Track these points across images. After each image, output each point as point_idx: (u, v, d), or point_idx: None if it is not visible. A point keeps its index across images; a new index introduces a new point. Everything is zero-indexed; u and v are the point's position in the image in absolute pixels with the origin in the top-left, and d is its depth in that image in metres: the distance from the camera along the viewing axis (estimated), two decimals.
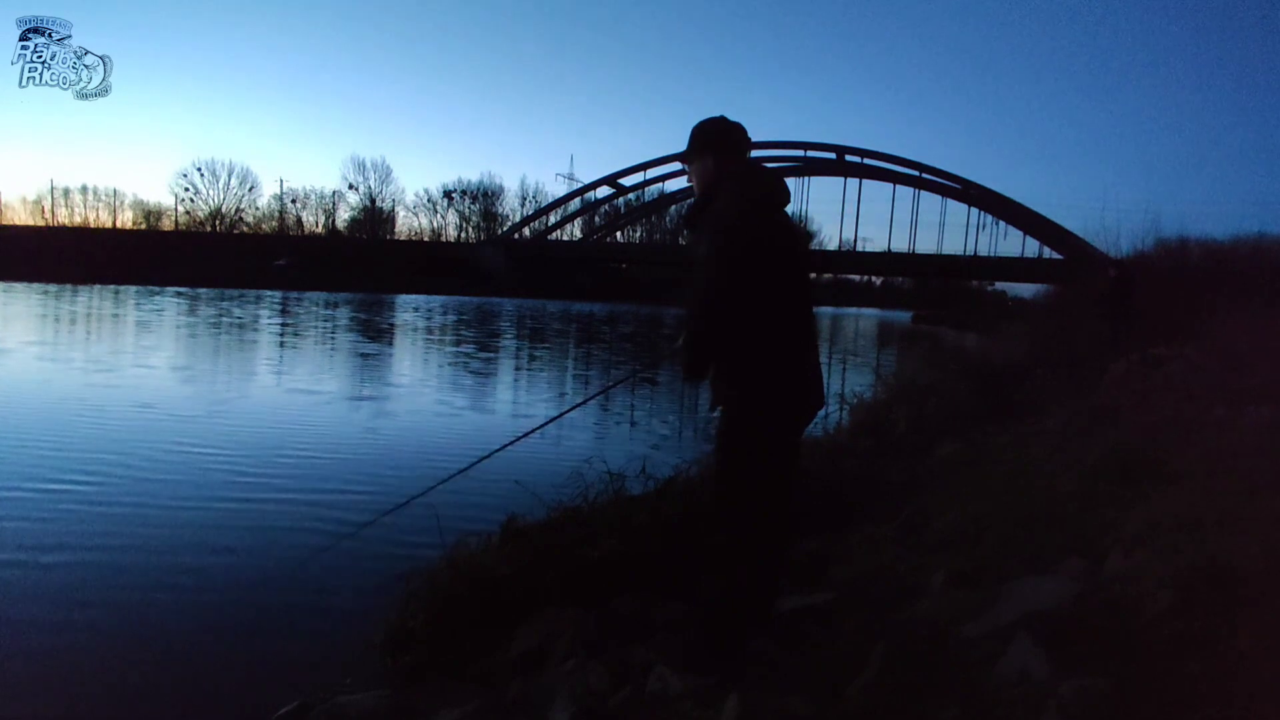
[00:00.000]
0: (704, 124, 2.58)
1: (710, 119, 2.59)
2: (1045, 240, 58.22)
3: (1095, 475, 3.78)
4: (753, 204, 2.43)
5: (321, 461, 6.90)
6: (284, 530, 5.02)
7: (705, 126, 2.58)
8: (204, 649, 3.47)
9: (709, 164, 2.54)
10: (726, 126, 2.57)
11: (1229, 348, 7.90)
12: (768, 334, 2.40)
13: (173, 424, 8.10)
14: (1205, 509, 2.83)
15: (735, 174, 2.50)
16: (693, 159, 2.59)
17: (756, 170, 2.60)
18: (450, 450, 7.34)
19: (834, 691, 2.14)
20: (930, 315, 52.75)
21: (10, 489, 5.55)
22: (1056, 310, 16.91)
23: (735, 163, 2.54)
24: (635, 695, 2.49)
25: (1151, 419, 5.05)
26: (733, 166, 2.53)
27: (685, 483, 4.23)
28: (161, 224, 76.77)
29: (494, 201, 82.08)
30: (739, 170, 2.52)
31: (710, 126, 2.57)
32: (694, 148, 2.58)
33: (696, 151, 2.58)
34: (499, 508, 4.50)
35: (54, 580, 4.11)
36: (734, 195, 2.43)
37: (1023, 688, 1.86)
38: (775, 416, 2.45)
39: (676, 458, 4.96)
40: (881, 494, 4.68)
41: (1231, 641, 1.82)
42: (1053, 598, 2.32)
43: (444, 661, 3.16)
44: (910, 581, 2.95)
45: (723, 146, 2.55)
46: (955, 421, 6.87)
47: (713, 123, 2.58)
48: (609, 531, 3.72)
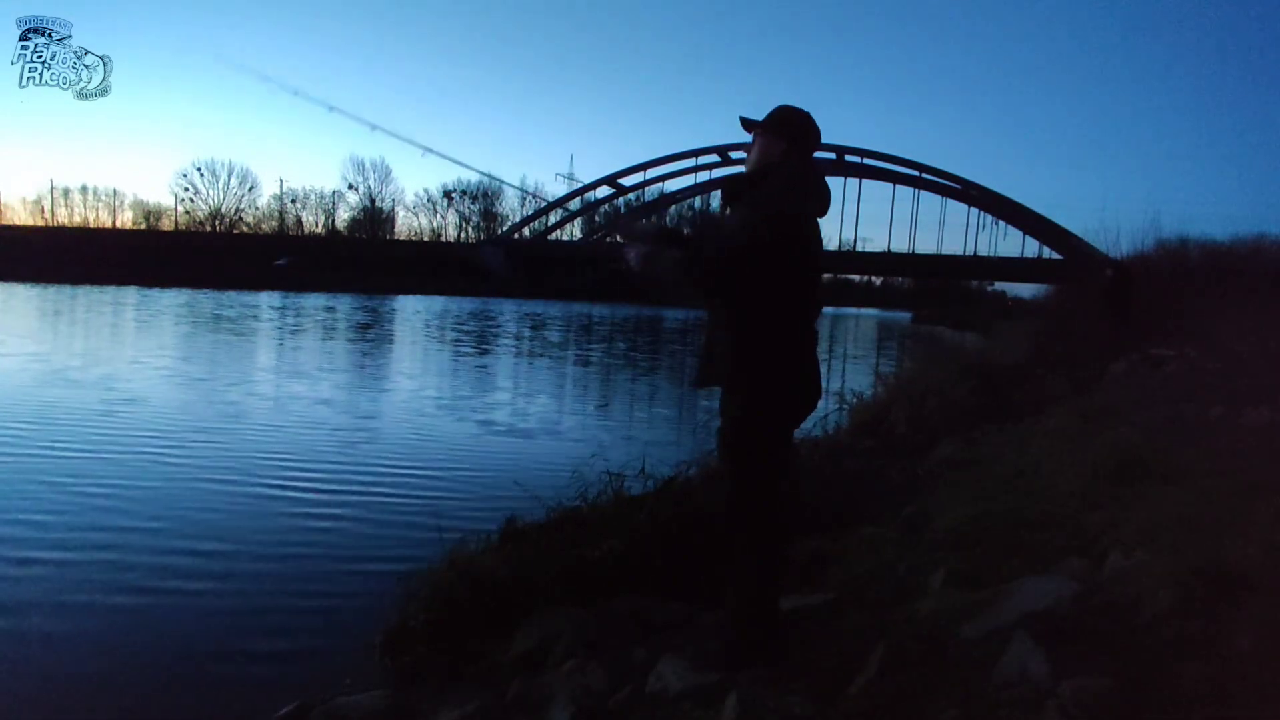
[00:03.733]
0: (790, 109, 2.59)
1: (797, 109, 2.60)
2: (1045, 240, 58.24)
3: (1095, 475, 3.78)
4: (799, 205, 2.45)
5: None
6: (285, 529, 5.03)
7: (790, 113, 2.58)
8: (204, 649, 3.47)
9: (777, 147, 2.54)
10: (808, 122, 2.59)
11: (1229, 348, 7.91)
12: (778, 333, 2.41)
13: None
14: (1205, 509, 2.83)
15: (794, 170, 2.51)
16: (764, 134, 2.57)
17: (813, 172, 2.59)
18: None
19: (834, 691, 2.14)
20: (930, 315, 52.74)
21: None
22: (1056, 310, 16.91)
23: (799, 158, 2.55)
24: (635, 695, 2.49)
25: (1151, 419, 5.05)
26: (795, 160, 2.53)
27: (684, 483, 4.24)
28: (161, 224, 76.76)
29: (494, 201, 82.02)
30: (799, 168, 2.53)
31: (794, 115, 2.58)
32: (771, 126, 2.57)
33: (771, 130, 2.56)
34: (499, 508, 4.51)
35: (53, 581, 4.12)
36: (787, 188, 2.45)
37: (1022, 688, 1.86)
38: (778, 416, 2.47)
39: (676, 457, 4.96)
40: (881, 494, 4.69)
41: (1231, 641, 1.82)
42: (1052, 598, 2.32)
43: (444, 662, 3.16)
44: (910, 581, 2.95)
45: (796, 137, 2.56)
46: (955, 421, 6.87)
47: (799, 113, 2.59)
48: (608, 532, 3.72)
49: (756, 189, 2.49)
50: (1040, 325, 15.13)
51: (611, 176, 69.85)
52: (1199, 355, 8.15)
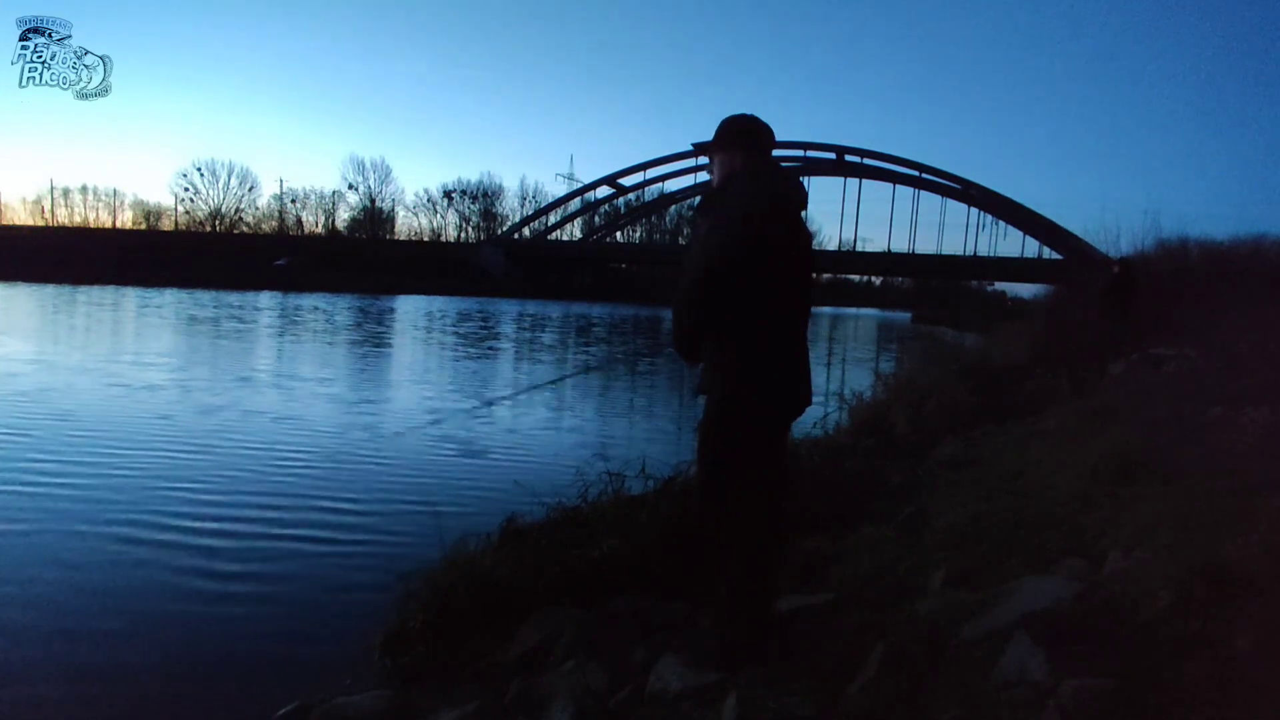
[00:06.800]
0: (734, 119, 2.62)
1: (741, 116, 2.62)
2: (1045, 240, 58.24)
3: (1095, 475, 3.78)
4: (765, 201, 2.44)
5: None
6: (292, 528, 5.03)
7: (735, 122, 2.61)
8: (204, 649, 3.47)
9: (735, 158, 2.57)
10: (755, 125, 2.60)
11: (1228, 348, 7.91)
12: (756, 331, 2.40)
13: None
14: (1205, 509, 2.83)
15: (754, 170, 2.52)
16: (718, 152, 2.61)
17: (775, 170, 2.60)
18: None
19: (834, 691, 2.14)
20: (930, 315, 52.69)
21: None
22: (1056, 310, 16.90)
23: (758, 160, 2.56)
24: (635, 695, 2.49)
25: (1151, 419, 5.05)
26: (754, 163, 2.54)
27: (684, 482, 4.23)
28: (161, 224, 76.82)
29: (494, 201, 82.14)
30: (759, 168, 2.54)
31: (740, 123, 2.60)
32: (721, 141, 2.61)
33: (723, 145, 2.60)
34: (499, 508, 4.51)
35: (51, 579, 4.12)
36: (748, 190, 2.46)
37: (1022, 688, 1.86)
38: (757, 413, 2.44)
39: (676, 456, 4.96)
40: (881, 494, 4.68)
41: (1231, 641, 1.82)
42: (1052, 598, 2.32)
43: (444, 662, 3.16)
44: (910, 581, 2.95)
45: (749, 144, 2.58)
46: (955, 421, 6.87)
47: (743, 119, 2.61)
48: (609, 531, 3.72)
49: (722, 198, 2.51)
50: (1040, 325, 15.12)
51: (611, 176, 69.84)
52: (1199, 355, 8.15)
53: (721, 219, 2.41)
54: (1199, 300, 10.90)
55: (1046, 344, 11.79)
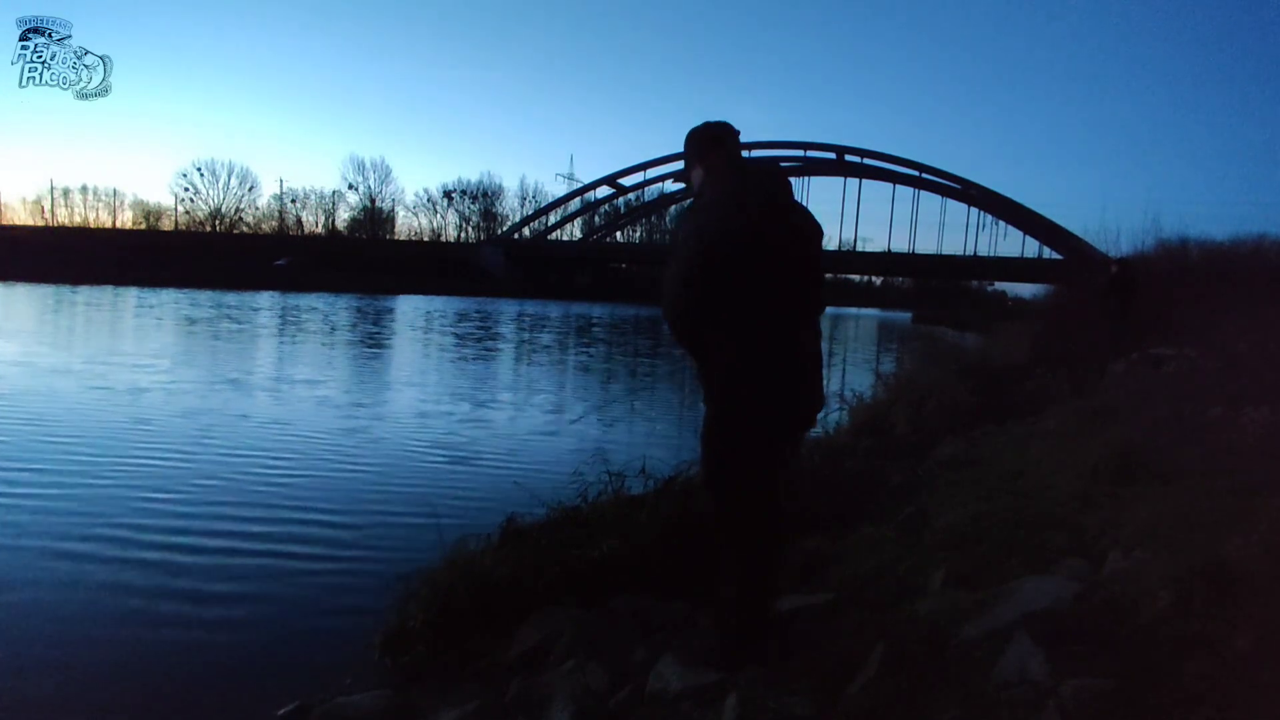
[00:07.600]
0: (699, 127, 2.63)
1: (706, 123, 2.64)
2: (1045, 240, 58.28)
3: (1095, 475, 3.77)
4: (729, 198, 2.44)
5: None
6: (294, 528, 5.03)
7: (702, 130, 2.63)
8: (204, 650, 3.47)
9: (711, 162, 2.59)
10: (710, 129, 2.61)
11: (1228, 348, 7.91)
12: (752, 331, 2.37)
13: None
14: (1205, 509, 2.83)
15: (717, 169, 2.53)
16: (695, 162, 2.63)
17: (738, 167, 2.59)
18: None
19: (834, 691, 2.14)
20: (930, 315, 52.72)
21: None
22: (1056, 310, 16.90)
23: (722, 163, 2.56)
24: (635, 695, 2.49)
25: (1151, 419, 5.05)
26: (718, 165, 2.54)
27: (685, 482, 4.23)
28: (161, 224, 76.83)
29: (494, 201, 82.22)
30: (721, 166, 2.54)
31: (706, 130, 2.62)
32: (694, 151, 2.63)
33: (696, 155, 2.62)
34: (499, 508, 4.51)
35: (51, 579, 4.12)
36: (713, 190, 2.48)
37: (1022, 688, 1.86)
38: (754, 414, 2.41)
39: (677, 457, 4.96)
40: (881, 494, 4.68)
41: (1231, 641, 1.82)
42: (1052, 598, 2.32)
43: (444, 661, 3.16)
44: (910, 581, 2.94)
45: (708, 148, 2.60)
46: (955, 421, 6.87)
47: (708, 126, 2.63)
48: (609, 531, 3.72)
49: (696, 203, 2.54)
50: (1040, 325, 15.12)
51: (611, 176, 69.85)
52: (1199, 355, 8.15)
53: (690, 225, 2.43)
54: (1199, 300, 10.89)
55: (1046, 344, 11.80)
